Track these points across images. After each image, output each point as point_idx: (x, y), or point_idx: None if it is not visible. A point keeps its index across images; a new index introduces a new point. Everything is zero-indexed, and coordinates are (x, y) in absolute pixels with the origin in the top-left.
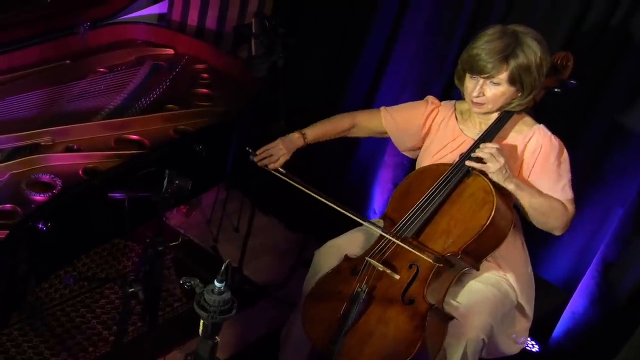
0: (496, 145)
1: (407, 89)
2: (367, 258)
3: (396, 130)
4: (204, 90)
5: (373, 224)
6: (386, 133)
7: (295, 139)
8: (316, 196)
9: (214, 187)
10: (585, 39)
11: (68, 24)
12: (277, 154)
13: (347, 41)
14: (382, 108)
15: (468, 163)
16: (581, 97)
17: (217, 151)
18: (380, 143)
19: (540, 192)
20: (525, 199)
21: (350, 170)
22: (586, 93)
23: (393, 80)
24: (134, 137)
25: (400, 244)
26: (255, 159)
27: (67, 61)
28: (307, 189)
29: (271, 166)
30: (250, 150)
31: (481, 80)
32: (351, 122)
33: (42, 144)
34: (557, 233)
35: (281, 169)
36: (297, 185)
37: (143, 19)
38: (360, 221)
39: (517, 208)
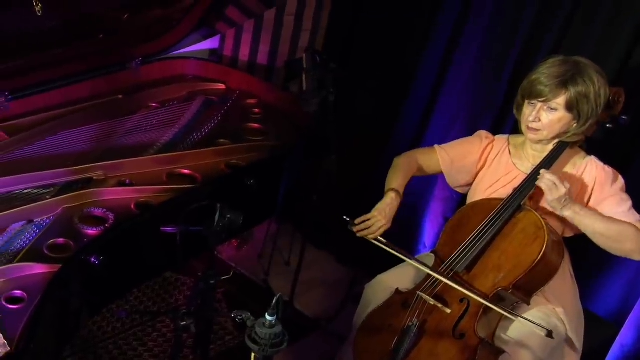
0: (556, 175)
1: (457, 123)
2: (418, 292)
3: (451, 168)
4: (255, 125)
5: (422, 262)
6: (441, 171)
7: (393, 202)
8: (421, 266)
9: (265, 221)
10: (635, 74)
11: (120, 59)
12: (376, 225)
13: (398, 76)
14: (437, 146)
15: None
16: (630, 131)
17: (269, 185)
18: (431, 176)
19: (604, 217)
20: (588, 226)
21: (401, 203)
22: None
23: (443, 114)
24: (186, 171)
25: (449, 282)
26: (354, 229)
27: (120, 96)
28: (410, 258)
29: (371, 237)
30: (348, 220)
31: (538, 105)
32: (416, 164)
33: (95, 178)
34: (637, 257)
35: (381, 238)
36: (399, 255)
37: (194, 54)
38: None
39: (570, 240)
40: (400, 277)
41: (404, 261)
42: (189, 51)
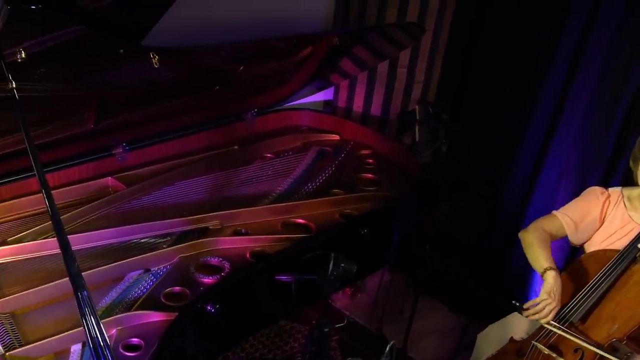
0: None
1: (567, 175)
2: (533, 341)
3: (576, 231)
4: (369, 175)
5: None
6: (565, 236)
7: (556, 281)
8: (593, 348)
9: (379, 270)
10: None
11: (236, 110)
12: (547, 308)
13: (508, 128)
14: (556, 213)
15: None
16: None
17: (382, 235)
18: None
19: None
20: None
21: (514, 251)
22: None
23: (553, 165)
24: (301, 221)
25: (563, 334)
26: (524, 314)
27: (235, 147)
28: (583, 340)
29: (543, 321)
30: (517, 304)
31: None
32: (548, 234)
33: (211, 227)
34: None
35: (553, 322)
36: (571, 337)
37: (309, 106)
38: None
39: None
40: (512, 327)
41: (514, 311)
42: (303, 102)
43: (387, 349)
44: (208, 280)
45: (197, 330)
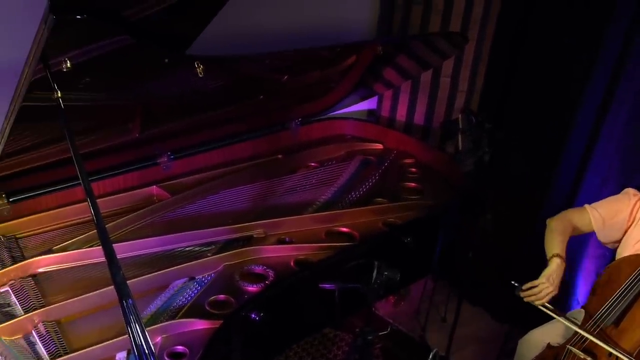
0: None
1: (609, 181)
2: (568, 346)
3: (603, 227)
4: (412, 184)
5: (571, 319)
6: (593, 230)
7: (558, 268)
8: (569, 324)
9: (422, 278)
10: None
11: (280, 119)
12: (544, 291)
13: (551, 136)
14: (587, 206)
15: None
16: None
17: (425, 243)
18: (583, 234)
19: None
20: None
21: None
22: None
23: (595, 173)
24: (344, 229)
25: (595, 339)
26: (522, 294)
27: (280, 155)
28: (578, 326)
29: (538, 302)
30: (516, 285)
31: None
32: (571, 225)
33: (255, 236)
34: None
35: (548, 305)
36: (566, 322)
37: (353, 115)
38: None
39: None
40: (551, 332)
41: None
42: (347, 112)
43: (430, 356)
44: (252, 288)
45: (241, 338)
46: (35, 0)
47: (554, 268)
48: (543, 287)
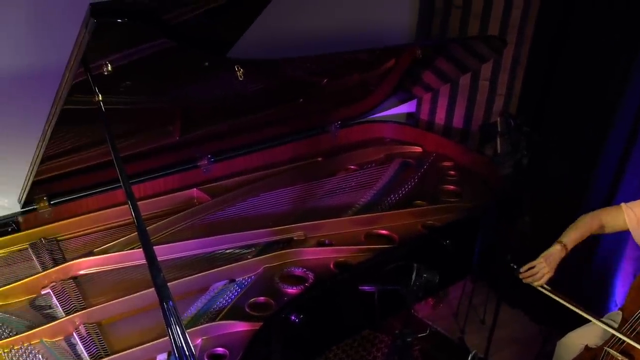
0: None
1: None
2: (606, 348)
3: (637, 227)
4: (451, 186)
5: (607, 322)
6: (627, 229)
7: (557, 253)
8: (579, 311)
9: (461, 280)
10: None
11: (320, 122)
12: (541, 272)
13: (589, 139)
14: (623, 205)
15: None
16: None
17: (464, 245)
18: (621, 236)
19: None
20: None
21: (593, 262)
22: None
23: (634, 175)
24: (384, 232)
25: (630, 341)
26: (520, 276)
27: (319, 158)
28: (571, 304)
29: (535, 283)
30: (515, 267)
31: None
32: (598, 222)
33: (295, 238)
34: None
35: (546, 286)
36: (561, 301)
37: (392, 118)
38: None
39: None
40: (589, 334)
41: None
42: (386, 115)
43: (469, 358)
44: (292, 290)
45: (281, 340)
46: (76, 4)
47: (552, 252)
48: (540, 268)
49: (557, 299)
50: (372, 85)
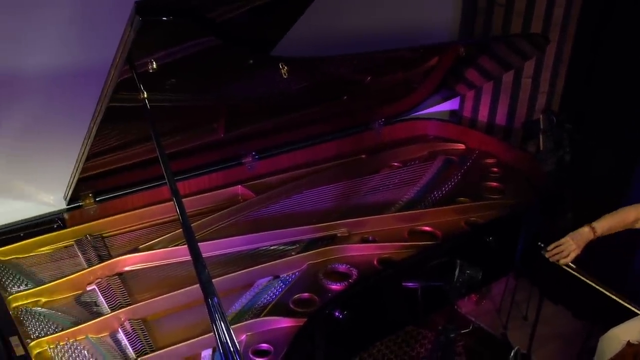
0: None
1: None
2: None
3: None
4: (494, 183)
5: None
6: None
7: (585, 234)
8: (604, 291)
9: (504, 276)
10: None
11: (364, 120)
12: (567, 249)
13: (632, 136)
14: None
15: None
16: None
17: (507, 242)
18: None
19: None
20: None
21: (637, 256)
22: None
23: None
24: (427, 228)
25: None
26: (547, 254)
27: (363, 156)
28: (596, 284)
29: (562, 261)
30: (542, 245)
31: None
32: (636, 215)
33: (339, 235)
34: None
35: (571, 264)
36: (586, 280)
37: (435, 115)
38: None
39: None
40: (632, 330)
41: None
42: (429, 112)
43: (512, 354)
44: (336, 286)
45: (324, 336)
46: (121, 2)
47: (581, 231)
48: (567, 246)
49: (582, 278)
50: (415, 83)
